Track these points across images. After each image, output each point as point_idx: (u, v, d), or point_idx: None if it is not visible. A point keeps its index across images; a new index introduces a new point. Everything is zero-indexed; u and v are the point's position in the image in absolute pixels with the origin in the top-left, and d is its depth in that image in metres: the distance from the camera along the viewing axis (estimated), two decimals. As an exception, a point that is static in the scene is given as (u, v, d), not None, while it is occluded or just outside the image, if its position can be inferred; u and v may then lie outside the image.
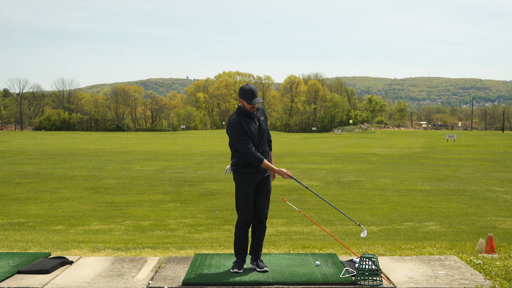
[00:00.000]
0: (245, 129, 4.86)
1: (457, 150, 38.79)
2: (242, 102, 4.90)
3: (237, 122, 4.86)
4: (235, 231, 5.09)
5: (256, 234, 5.13)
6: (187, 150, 37.44)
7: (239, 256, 5.08)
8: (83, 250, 6.19)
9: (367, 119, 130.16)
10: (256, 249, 5.12)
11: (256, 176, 5.00)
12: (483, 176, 19.06)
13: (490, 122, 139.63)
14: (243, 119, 4.90)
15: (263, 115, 5.09)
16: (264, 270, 4.96)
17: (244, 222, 5.02)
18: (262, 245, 5.14)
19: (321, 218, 10.23)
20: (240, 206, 5.02)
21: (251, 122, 4.92)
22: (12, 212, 10.90)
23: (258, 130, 4.95)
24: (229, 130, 4.89)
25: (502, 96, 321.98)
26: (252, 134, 4.90)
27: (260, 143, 4.99)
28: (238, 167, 4.97)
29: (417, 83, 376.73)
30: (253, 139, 4.92)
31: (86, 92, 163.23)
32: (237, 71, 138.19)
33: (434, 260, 5.48)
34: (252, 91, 4.85)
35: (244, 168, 4.93)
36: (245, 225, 5.04)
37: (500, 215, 10.60)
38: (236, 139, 4.84)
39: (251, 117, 4.94)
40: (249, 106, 4.86)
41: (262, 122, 5.01)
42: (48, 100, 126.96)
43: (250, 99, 4.84)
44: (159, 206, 11.83)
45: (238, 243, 5.07)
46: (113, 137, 71.66)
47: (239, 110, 4.95)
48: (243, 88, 4.90)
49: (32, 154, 30.92)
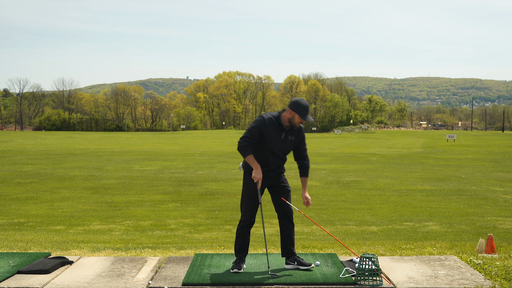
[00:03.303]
0: (265, 131, 4.80)
1: (457, 150, 38.79)
2: (293, 115, 4.80)
3: (264, 119, 4.82)
4: (237, 230, 5.10)
5: (287, 234, 5.08)
6: (187, 150, 37.44)
7: (239, 255, 5.06)
8: (83, 250, 6.19)
9: (367, 119, 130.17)
10: (290, 249, 5.07)
11: (265, 180, 4.97)
12: (483, 176, 19.06)
13: (490, 122, 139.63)
14: (273, 124, 4.84)
15: (298, 134, 4.97)
16: (310, 268, 4.96)
17: (247, 221, 5.03)
18: (294, 243, 5.10)
19: (321, 218, 10.23)
20: (244, 205, 5.03)
21: (279, 131, 4.85)
22: (12, 212, 10.90)
23: (281, 141, 4.87)
24: (256, 119, 4.89)
25: (502, 96, 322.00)
26: (270, 142, 4.83)
27: (274, 154, 4.91)
28: (248, 167, 4.96)
29: (417, 83, 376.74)
30: (269, 147, 4.85)
31: (86, 92, 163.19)
32: (237, 71, 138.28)
33: (434, 260, 5.48)
34: (308, 107, 4.81)
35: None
36: (247, 225, 5.04)
37: (500, 215, 10.60)
38: (249, 127, 4.86)
39: (283, 128, 4.87)
40: (299, 120, 4.80)
41: (289, 138, 4.91)
42: (48, 100, 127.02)
43: (305, 115, 4.79)
44: (159, 206, 11.83)
45: (239, 242, 5.07)
46: (113, 137, 71.67)
47: (278, 115, 4.88)
48: (300, 102, 4.81)
49: (32, 154, 30.92)
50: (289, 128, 4.91)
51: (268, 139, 4.83)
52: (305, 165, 5.12)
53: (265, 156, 4.91)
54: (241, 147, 4.80)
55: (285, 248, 5.10)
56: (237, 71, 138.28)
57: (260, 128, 4.82)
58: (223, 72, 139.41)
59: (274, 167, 5.00)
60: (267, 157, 4.91)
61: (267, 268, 5.07)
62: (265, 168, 4.96)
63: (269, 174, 4.98)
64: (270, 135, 4.83)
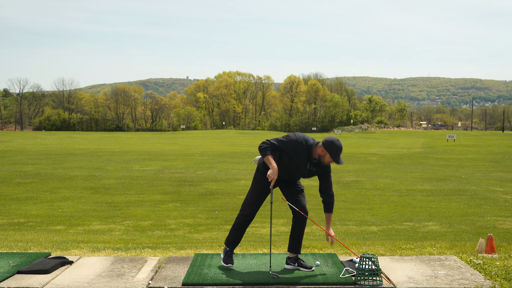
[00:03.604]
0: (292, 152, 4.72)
1: (457, 150, 38.79)
2: (325, 153, 4.68)
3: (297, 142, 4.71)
4: (235, 223, 5.10)
5: (296, 231, 5.04)
6: (187, 150, 37.44)
7: (231, 247, 5.10)
8: (83, 250, 6.19)
9: (367, 119, 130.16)
10: (296, 247, 5.03)
11: (276, 181, 4.96)
12: (483, 176, 19.06)
13: (490, 122, 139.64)
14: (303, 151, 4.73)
15: (321, 168, 4.82)
16: (311, 270, 4.94)
17: (247, 217, 5.05)
18: (301, 242, 5.07)
19: (321, 218, 10.22)
20: (248, 201, 5.04)
21: (305, 161, 4.75)
22: (12, 212, 10.90)
23: (305, 170, 4.80)
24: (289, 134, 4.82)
25: (502, 96, 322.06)
26: (292, 163, 4.77)
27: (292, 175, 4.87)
28: (264, 167, 4.94)
29: (417, 83, 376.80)
30: (289, 167, 4.80)
31: (86, 92, 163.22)
32: (237, 71, 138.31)
33: (434, 260, 5.48)
34: (341, 150, 4.67)
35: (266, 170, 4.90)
36: (246, 220, 5.06)
37: (500, 215, 10.60)
38: (279, 138, 4.79)
39: (311, 159, 4.77)
40: (329, 160, 4.70)
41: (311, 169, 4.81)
42: (48, 100, 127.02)
43: (337, 158, 4.65)
44: (159, 206, 11.82)
45: (235, 235, 5.09)
46: (113, 137, 71.66)
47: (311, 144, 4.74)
48: (335, 143, 4.65)
49: (32, 154, 30.91)
50: (317, 162, 4.80)
51: (291, 160, 4.76)
52: (329, 202, 4.93)
53: (283, 171, 4.85)
54: (261, 147, 4.75)
55: (292, 245, 5.08)
56: (237, 71, 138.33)
57: (286, 145, 4.73)
58: (223, 72, 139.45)
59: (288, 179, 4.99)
60: (284, 173, 4.87)
61: (267, 268, 5.07)
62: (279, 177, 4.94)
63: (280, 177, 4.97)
64: (294, 158, 4.74)
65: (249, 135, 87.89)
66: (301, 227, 5.03)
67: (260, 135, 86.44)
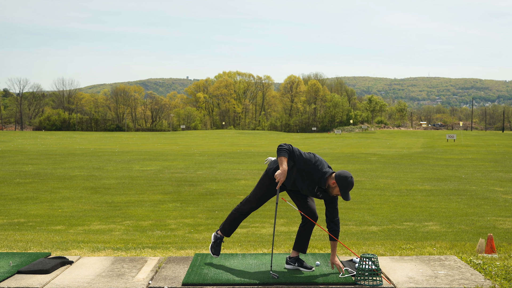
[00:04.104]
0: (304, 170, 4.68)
1: (457, 150, 38.79)
2: (335, 186, 4.62)
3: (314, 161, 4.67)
4: (232, 213, 5.20)
5: (304, 232, 5.03)
6: (187, 150, 37.44)
7: (225, 234, 5.18)
8: (83, 250, 6.19)
9: (367, 119, 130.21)
10: (303, 246, 5.03)
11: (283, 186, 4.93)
12: (483, 176, 19.06)
13: (490, 122, 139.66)
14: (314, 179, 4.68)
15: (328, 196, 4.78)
16: (312, 270, 4.95)
17: (244, 211, 5.14)
18: (307, 244, 5.08)
19: (321, 218, 10.21)
20: (250, 198, 5.08)
21: (315, 183, 4.72)
22: (12, 212, 10.90)
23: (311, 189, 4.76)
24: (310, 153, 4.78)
25: (502, 96, 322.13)
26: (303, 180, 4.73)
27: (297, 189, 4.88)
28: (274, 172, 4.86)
29: (417, 83, 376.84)
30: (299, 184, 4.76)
31: (86, 92, 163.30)
32: (237, 71, 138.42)
33: (434, 260, 5.48)
34: (352, 186, 4.64)
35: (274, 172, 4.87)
36: (243, 214, 5.16)
37: (500, 215, 10.60)
38: (302, 152, 4.73)
39: (321, 185, 4.71)
40: (337, 193, 4.65)
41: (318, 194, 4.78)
42: (48, 100, 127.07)
43: (346, 194, 4.61)
44: (159, 206, 11.82)
45: (230, 224, 5.18)
46: (113, 137, 71.66)
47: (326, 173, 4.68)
48: (347, 180, 4.59)
49: (32, 154, 30.91)
50: (325, 189, 4.76)
51: (300, 176, 4.72)
52: (334, 229, 4.86)
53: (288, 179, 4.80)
54: (282, 147, 4.66)
55: (298, 245, 5.08)
56: (237, 71, 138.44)
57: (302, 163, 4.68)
58: (223, 72, 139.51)
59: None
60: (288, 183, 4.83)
61: (267, 268, 5.07)
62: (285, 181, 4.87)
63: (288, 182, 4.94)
64: (304, 176, 4.71)
65: (249, 135, 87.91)
66: (310, 229, 5.05)
67: (260, 135, 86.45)
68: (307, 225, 5.04)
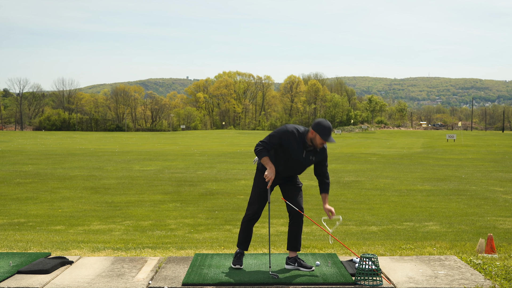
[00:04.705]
0: (285, 143, 4.76)
1: (457, 150, 38.79)
2: (315, 135, 4.74)
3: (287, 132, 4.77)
4: (242, 222, 5.18)
5: (293, 229, 5.07)
6: (187, 150, 37.44)
7: (241, 247, 5.15)
8: (83, 250, 6.19)
9: (367, 119, 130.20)
10: (294, 244, 5.05)
11: (276, 180, 5.01)
12: (483, 176, 19.06)
13: (490, 122, 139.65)
14: (296, 139, 4.78)
15: (320, 155, 4.92)
16: (311, 270, 4.95)
17: (251, 216, 5.10)
18: (300, 240, 5.10)
19: (321, 218, 10.22)
20: (251, 199, 5.11)
21: (301, 149, 4.80)
22: (12, 212, 10.90)
23: (302, 159, 4.84)
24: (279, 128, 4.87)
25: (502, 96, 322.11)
26: (289, 155, 4.81)
27: (292, 168, 4.91)
28: (263, 166, 5.00)
29: (417, 83, 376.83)
30: (287, 160, 4.84)
31: (86, 92, 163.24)
32: (237, 71, 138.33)
33: (434, 260, 5.48)
34: (330, 129, 4.74)
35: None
36: (251, 219, 5.11)
37: (500, 215, 10.60)
38: (270, 134, 4.86)
39: (306, 146, 4.82)
40: (320, 141, 4.74)
41: (310, 158, 4.87)
42: (48, 100, 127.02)
43: (327, 136, 4.71)
44: (159, 206, 11.82)
45: (242, 235, 5.16)
46: (113, 137, 71.67)
47: (303, 132, 4.82)
48: (322, 123, 4.74)
49: (32, 154, 30.92)
50: (312, 148, 4.85)
51: (287, 152, 4.80)
52: (325, 182, 5.02)
53: (283, 166, 4.90)
54: (257, 150, 4.83)
55: (290, 243, 5.11)
56: (237, 71, 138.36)
57: (280, 139, 4.78)
58: (223, 72, 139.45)
59: (289, 176, 5.04)
60: (284, 168, 4.92)
61: (267, 268, 5.07)
62: (280, 175, 5.00)
63: (282, 176, 5.03)
64: (290, 149, 4.78)
65: (249, 135, 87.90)
66: (298, 224, 5.08)
67: (260, 135, 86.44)
68: (295, 219, 5.08)
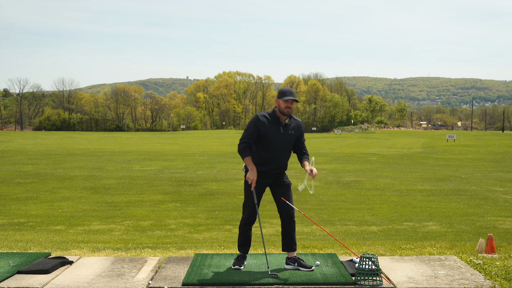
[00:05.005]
0: (262, 128, 4.91)
1: (457, 150, 38.79)
2: (278, 102, 4.94)
3: (258, 117, 4.96)
4: (239, 227, 5.21)
5: (286, 230, 5.11)
6: (187, 150, 37.45)
7: (241, 250, 5.18)
8: (83, 250, 6.19)
9: (367, 119, 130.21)
10: (289, 244, 5.09)
11: (266, 179, 5.05)
12: (483, 176, 19.06)
13: (490, 122, 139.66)
14: (268, 119, 4.96)
15: (298, 129, 5.07)
16: (310, 270, 4.96)
17: (247, 219, 5.13)
18: (295, 240, 5.13)
19: (321, 218, 10.23)
20: (245, 204, 5.15)
21: (277, 126, 4.95)
22: (12, 212, 10.90)
23: (281, 134, 4.95)
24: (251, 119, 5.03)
25: (502, 96, 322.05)
26: (270, 138, 4.92)
27: (277, 150, 4.97)
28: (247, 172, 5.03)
29: (417, 83, 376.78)
30: (270, 143, 4.93)
31: (86, 92, 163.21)
32: (237, 71, 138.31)
33: (434, 260, 5.48)
34: (288, 90, 4.95)
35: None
36: (248, 222, 5.14)
37: (500, 215, 10.60)
38: (244, 129, 4.98)
39: (280, 123, 4.96)
40: (284, 104, 4.89)
41: (289, 132, 4.99)
42: (48, 100, 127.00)
43: (285, 96, 4.90)
44: (159, 206, 11.82)
45: (241, 238, 5.20)
46: (113, 137, 71.67)
47: (272, 111, 5.03)
48: (280, 89, 5.00)
49: (32, 154, 30.92)
50: (287, 122, 5.00)
51: (266, 134, 4.93)
52: (304, 153, 5.18)
53: (269, 152, 4.98)
54: (239, 149, 4.96)
55: (285, 244, 5.14)
56: (237, 71, 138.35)
57: (255, 125, 4.93)
58: (223, 72, 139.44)
59: (279, 164, 5.05)
60: (271, 154, 4.98)
61: (267, 268, 5.07)
62: (270, 166, 5.01)
63: (271, 173, 5.04)
64: (267, 130, 4.93)
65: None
66: (290, 225, 5.11)
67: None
68: (287, 220, 5.11)
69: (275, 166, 5.03)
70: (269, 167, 5.00)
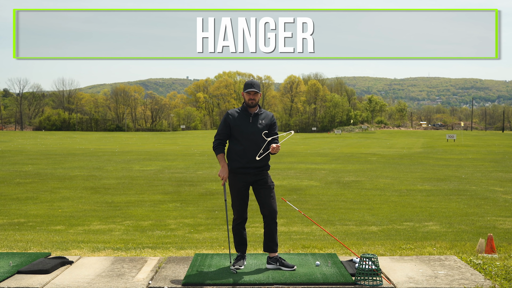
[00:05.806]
0: (232, 122, 5.07)
1: (457, 150, 38.79)
2: (243, 95, 5.14)
3: (228, 112, 5.19)
4: (232, 228, 5.30)
5: (267, 231, 5.16)
6: (187, 150, 37.45)
7: (238, 251, 5.24)
8: (83, 250, 6.19)
9: (367, 119, 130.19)
10: (270, 245, 5.14)
11: (246, 177, 5.08)
12: (483, 176, 19.06)
13: (490, 122, 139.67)
14: (237, 112, 5.15)
15: (268, 119, 5.18)
16: (292, 269, 4.98)
17: (239, 219, 5.22)
18: (276, 241, 5.15)
19: (321, 218, 10.23)
20: (233, 204, 5.26)
21: (246, 117, 5.11)
22: (12, 212, 10.90)
23: (250, 124, 5.08)
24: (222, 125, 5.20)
25: (502, 96, 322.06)
26: (241, 129, 5.07)
27: (249, 140, 5.06)
28: (231, 168, 5.12)
29: (417, 83, 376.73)
30: (240, 134, 5.07)
31: (86, 92, 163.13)
32: (237, 71, 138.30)
33: (434, 260, 5.48)
34: (250, 82, 5.14)
35: (234, 169, 5.08)
36: (240, 222, 5.22)
37: (500, 215, 10.60)
38: (218, 127, 5.19)
39: (248, 114, 5.11)
40: (248, 96, 5.08)
41: (259, 122, 5.12)
42: (48, 100, 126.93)
43: (247, 88, 5.09)
44: (159, 206, 11.83)
45: (236, 239, 5.28)
46: (113, 137, 71.66)
47: (242, 105, 5.21)
48: (246, 81, 5.20)
49: (32, 154, 30.92)
50: (257, 112, 5.13)
51: (236, 126, 5.07)
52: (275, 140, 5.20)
53: (242, 144, 5.05)
54: (213, 147, 5.18)
55: (266, 245, 5.18)
56: (237, 71, 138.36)
57: (225, 121, 5.13)
58: (223, 72, 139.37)
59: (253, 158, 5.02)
60: (243, 145, 5.05)
61: (267, 268, 5.09)
62: (245, 159, 5.03)
63: (251, 171, 5.06)
64: (237, 123, 5.09)
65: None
66: (271, 227, 5.14)
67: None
68: (268, 222, 5.14)
69: (250, 160, 5.03)
70: (244, 160, 5.03)
